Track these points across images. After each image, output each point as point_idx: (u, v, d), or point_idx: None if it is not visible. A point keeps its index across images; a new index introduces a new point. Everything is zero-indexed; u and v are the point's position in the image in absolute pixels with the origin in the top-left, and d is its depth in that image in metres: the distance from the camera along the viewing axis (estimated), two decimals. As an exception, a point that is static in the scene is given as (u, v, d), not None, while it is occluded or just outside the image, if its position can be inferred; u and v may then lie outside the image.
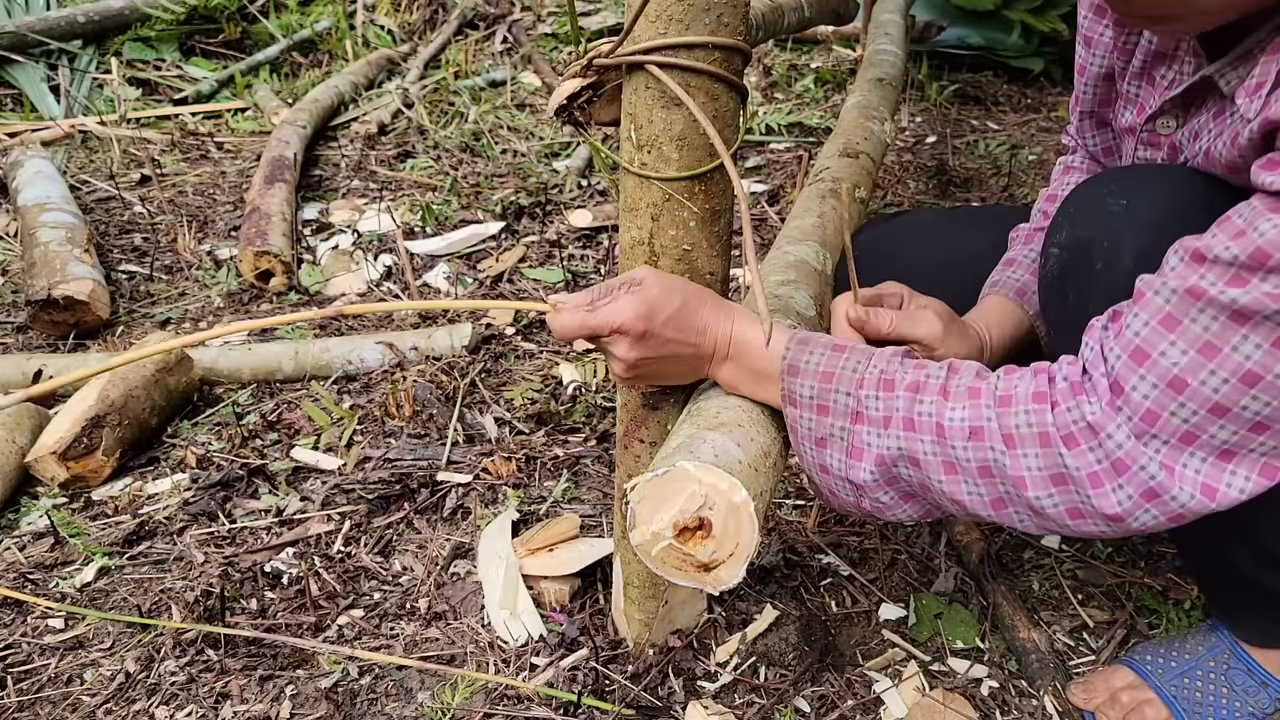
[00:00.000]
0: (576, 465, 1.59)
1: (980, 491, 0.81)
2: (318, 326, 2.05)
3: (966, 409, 0.80)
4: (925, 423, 0.81)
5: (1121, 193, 0.91)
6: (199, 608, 1.29)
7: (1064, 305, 0.94)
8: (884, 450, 0.84)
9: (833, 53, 3.79)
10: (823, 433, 0.87)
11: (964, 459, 0.80)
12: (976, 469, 0.80)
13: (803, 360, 0.87)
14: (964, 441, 0.79)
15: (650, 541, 0.81)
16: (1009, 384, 0.80)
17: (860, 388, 0.84)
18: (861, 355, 0.87)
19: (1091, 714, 1.13)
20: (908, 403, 0.82)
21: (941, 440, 0.81)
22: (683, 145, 0.89)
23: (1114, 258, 0.88)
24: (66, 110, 3.34)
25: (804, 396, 0.87)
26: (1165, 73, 0.98)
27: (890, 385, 0.84)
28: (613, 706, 1.14)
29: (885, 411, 0.83)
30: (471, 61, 3.84)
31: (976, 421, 0.79)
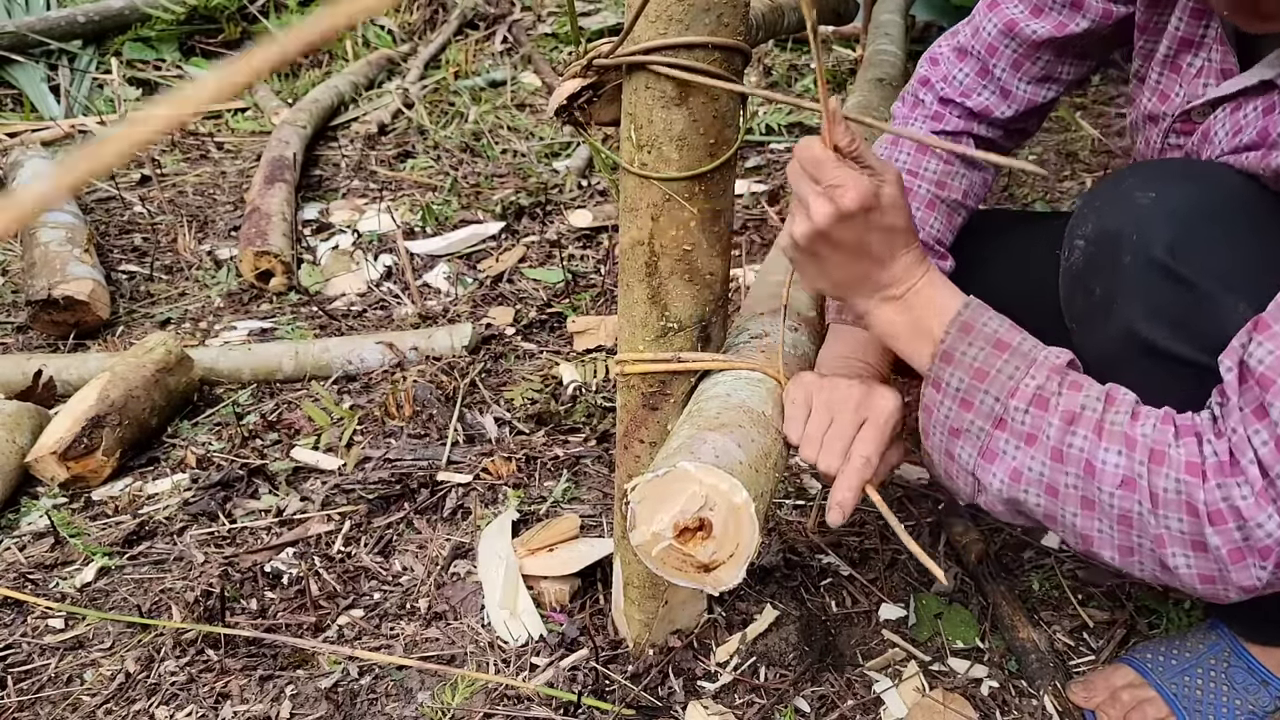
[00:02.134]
0: (576, 465, 1.59)
1: (1113, 535, 0.80)
2: (318, 326, 2.05)
3: (1121, 456, 0.78)
4: (1075, 457, 0.79)
5: (1149, 185, 0.89)
6: (199, 608, 1.29)
7: (1089, 300, 0.92)
8: (1022, 467, 0.82)
9: (833, 53, 3.79)
10: (959, 425, 0.85)
11: (1108, 504, 0.79)
12: (1118, 515, 0.79)
13: (959, 350, 0.85)
14: (1113, 488, 0.78)
15: (650, 542, 0.81)
16: (1164, 438, 0.78)
17: (1012, 396, 0.82)
18: (1021, 361, 0.83)
19: (1092, 713, 1.13)
20: (1060, 432, 0.80)
21: (1089, 479, 0.79)
22: (683, 145, 0.89)
23: (1143, 251, 0.86)
24: (66, 110, 3.34)
25: (950, 386, 0.85)
26: (1193, 61, 0.96)
27: (1044, 404, 0.81)
28: (613, 706, 1.14)
29: (1032, 429, 0.81)
30: (471, 61, 3.84)
31: (1129, 474, 0.77)
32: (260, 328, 2.08)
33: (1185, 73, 0.97)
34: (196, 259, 2.39)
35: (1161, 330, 0.85)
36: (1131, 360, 0.88)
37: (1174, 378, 0.85)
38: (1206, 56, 0.95)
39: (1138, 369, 0.88)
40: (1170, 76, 1.00)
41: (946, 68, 1.11)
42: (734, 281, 2.07)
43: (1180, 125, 1.00)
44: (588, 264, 2.29)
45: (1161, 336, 0.85)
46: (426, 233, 2.48)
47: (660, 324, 0.98)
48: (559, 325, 2.05)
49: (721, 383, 0.96)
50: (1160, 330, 0.85)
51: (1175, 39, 0.97)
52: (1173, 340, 0.84)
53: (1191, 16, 0.96)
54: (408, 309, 2.13)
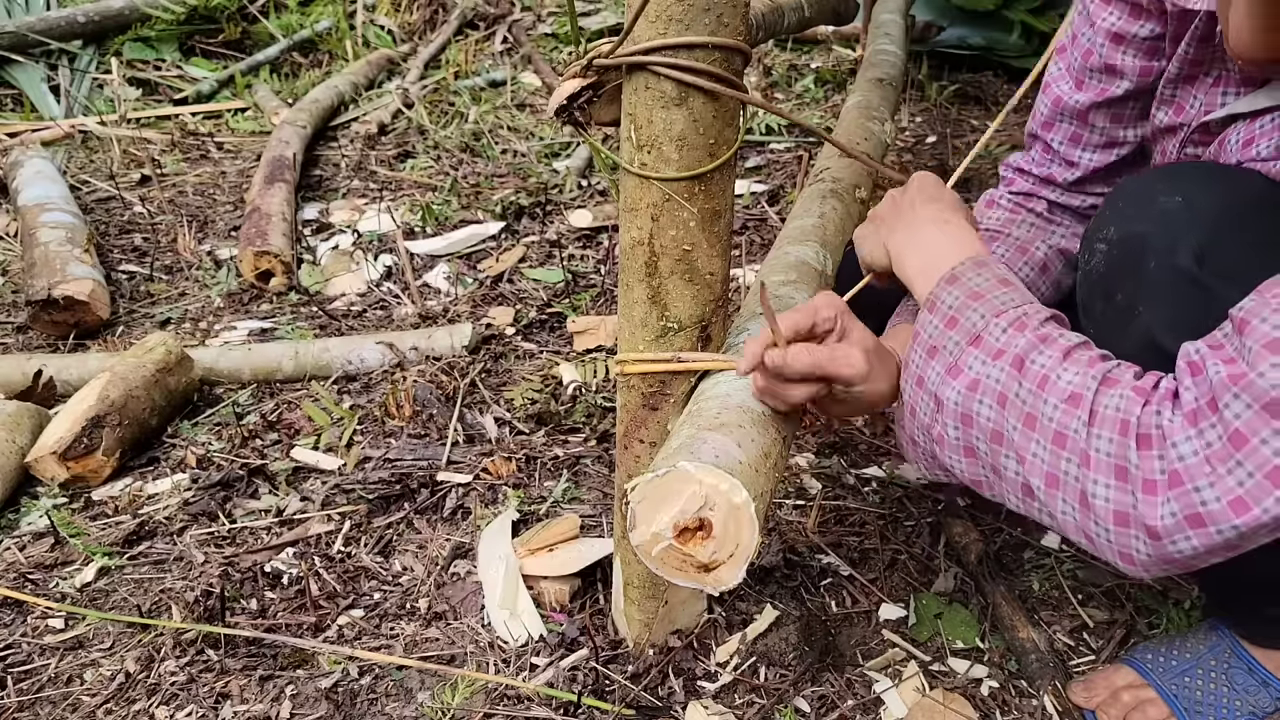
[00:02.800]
0: (576, 465, 1.59)
1: (1044, 457, 0.79)
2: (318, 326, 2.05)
3: (1077, 375, 0.78)
4: (1034, 371, 0.80)
5: (1175, 189, 0.88)
6: (199, 608, 1.29)
7: (1110, 304, 0.91)
8: (982, 377, 0.83)
9: (833, 53, 3.79)
10: (938, 342, 0.87)
11: (1049, 417, 0.78)
12: (1054, 432, 0.78)
13: (967, 275, 0.88)
14: (1059, 401, 0.78)
15: (650, 542, 0.81)
16: (1123, 370, 0.78)
17: (997, 316, 0.84)
18: (1017, 295, 0.86)
19: (1092, 713, 1.13)
20: (1028, 346, 0.81)
21: (1039, 392, 0.79)
22: (683, 145, 0.89)
23: (1169, 256, 0.84)
24: (66, 110, 3.34)
25: (943, 304, 0.87)
26: (1210, 71, 0.96)
27: (1021, 326, 0.83)
28: (613, 706, 1.14)
29: (1003, 345, 0.83)
30: (471, 61, 3.84)
31: (1079, 389, 0.77)
32: (260, 328, 2.08)
33: (1201, 83, 0.97)
34: (196, 259, 2.39)
35: (1183, 339, 0.82)
36: (1151, 367, 0.86)
37: None
38: (1224, 66, 0.94)
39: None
40: (1185, 89, 0.99)
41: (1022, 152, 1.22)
42: (734, 281, 2.07)
43: (1199, 135, 0.99)
44: (588, 264, 2.29)
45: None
46: (426, 233, 2.48)
47: (660, 324, 0.98)
48: (559, 325, 2.05)
49: (721, 383, 0.96)
50: (1182, 339, 0.82)
51: (1185, 60, 0.97)
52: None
53: (1200, 41, 0.96)
54: (408, 309, 2.13)
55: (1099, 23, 1.04)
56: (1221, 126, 0.96)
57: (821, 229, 1.28)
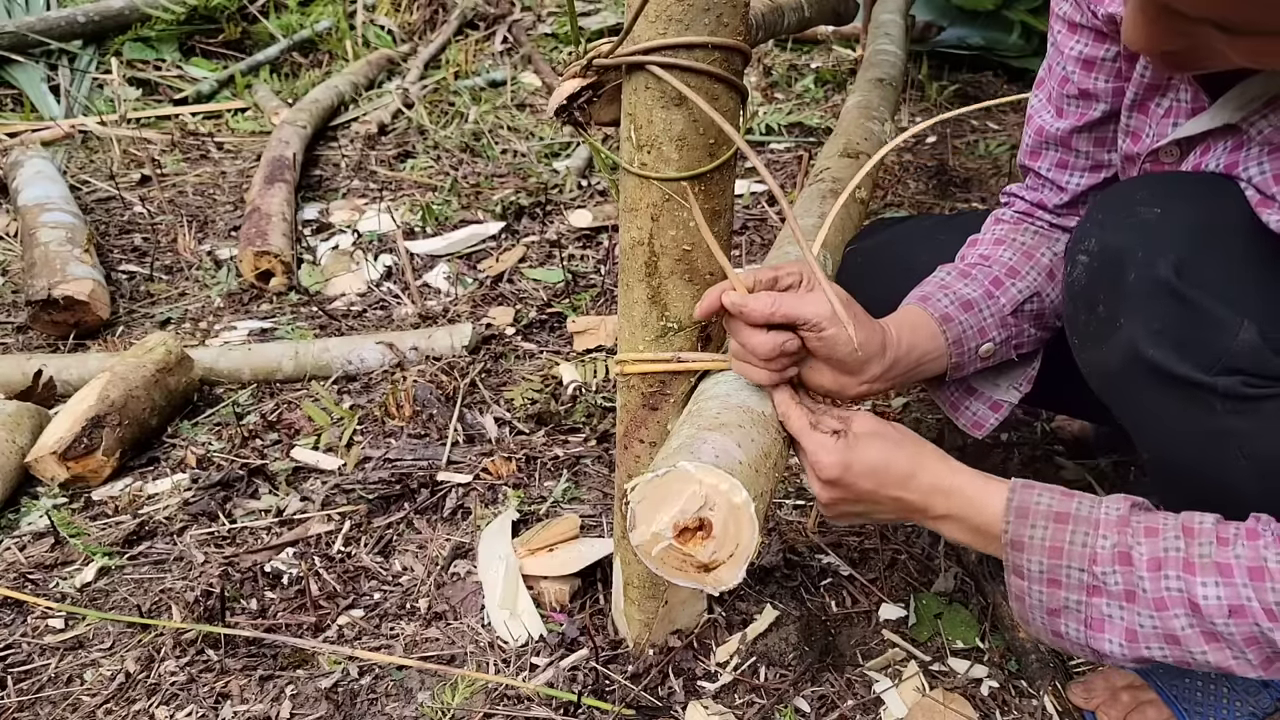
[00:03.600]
0: (576, 465, 1.59)
1: (1249, 658, 0.78)
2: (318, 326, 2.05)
3: (1220, 586, 0.76)
4: (1177, 599, 0.78)
5: (1154, 199, 0.88)
6: (199, 608, 1.29)
7: (1092, 317, 0.91)
8: (1133, 626, 0.80)
9: (833, 53, 3.79)
10: (1055, 605, 0.84)
11: (1227, 632, 0.77)
12: (1242, 640, 0.76)
13: (1025, 535, 0.84)
14: (1225, 619, 0.76)
15: (650, 542, 0.81)
16: (1255, 554, 0.76)
17: (1094, 564, 0.81)
18: (1088, 525, 0.82)
19: (1092, 714, 1.13)
20: (1153, 582, 0.78)
21: (1198, 615, 0.77)
22: (683, 145, 0.89)
23: (1148, 269, 0.84)
24: (66, 110, 3.34)
25: (1032, 570, 0.84)
26: (1162, 101, 0.96)
27: (1128, 560, 0.80)
28: (613, 706, 1.14)
29: (1127, 586, 0.80)
30: (471, 61, 3.84)
31: (1235, 600, 0.76)
32: (260, 328, 2.08)
33: (1154, 113, 0.97)
34: (196, 259, 2.39)
35: (1164, 350, 0.83)
36: (1134, 379, 0.87)
37: (1177, 398, 0.84)
38: (1175, 97, 0.95)
39: (1140, 388, 0.87)
40: (1140, 118, 1.00)
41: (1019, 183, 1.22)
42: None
43: (1150, 165, 0.99)
44: (588, 264, 2.29)
45: (1164, 357, 0.83)
46: (426, 233, 2.48)
47: (660, 324, 0.98)
48: (559, 325, 2.05)
49: (721, 383, 0.96)
50: (1163, 350, 0.83)
51: (1141, 85, 0.98)
52: (1177, 361, 0.83)
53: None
54: (408, 309, 2.13)
55: (1067, 51, 1.05)
56: (1172, 156, 0.96)
57: (821, 229, 1.27)
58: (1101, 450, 1.60)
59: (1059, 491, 0.85)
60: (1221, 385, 0.81)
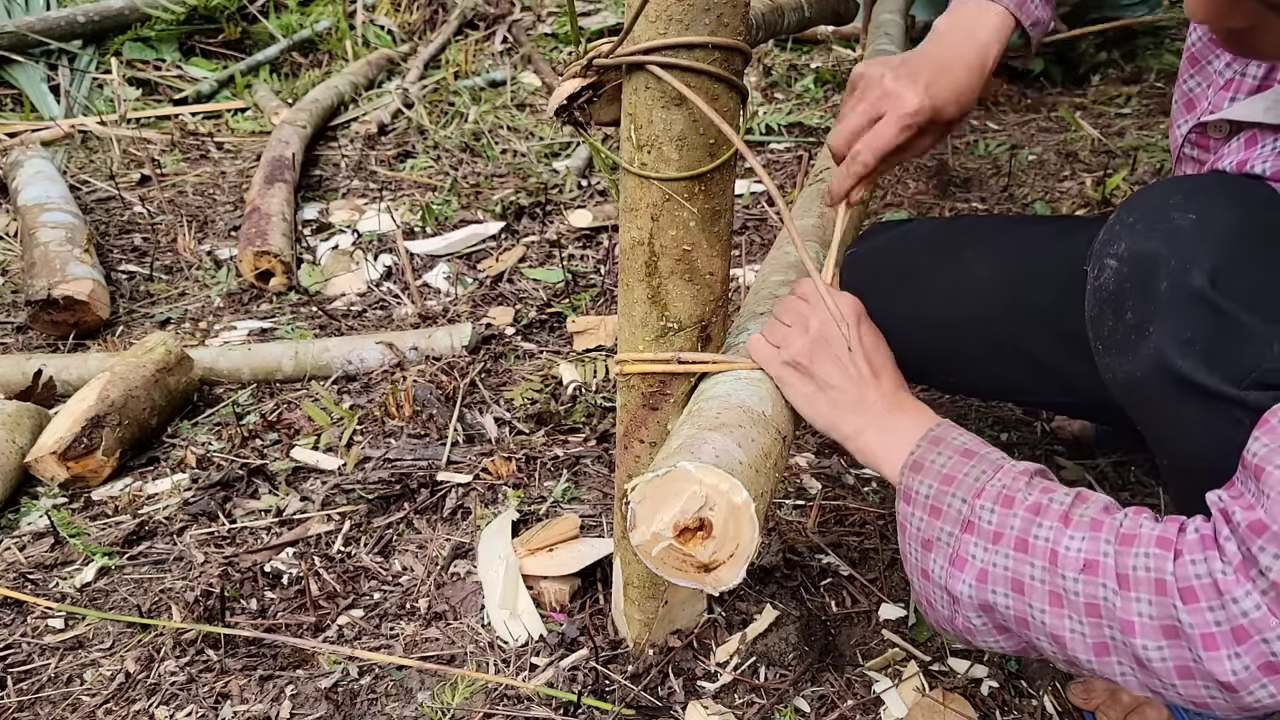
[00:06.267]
0: (576, 465, 1.59)
1: (1084, 631, 0.75)
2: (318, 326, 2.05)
3: (1086, 540, 0.75)
4: (1040, 547, 0.76)
5: (1190, 205, 0.85)
6: (199, 608, 1.29)
7: (1120, 323, 0.88)
8: (989, 566, 0.79)
9: (833, 53, 3.79)
10: (930, 535, 0.83)
11: (1073, 591, 0.75)
12: (1084, 605, 0.74)
13: (929, 459, 0.85)
14: (1076, 573, 0.74)
15: (650, 542, 0.81)
16: (1135, 523, 0.74)
17: (978, 497, 0.81)
18: (988, 465, 0.83)
19: (1091, 714, 1.13)
20: (1024, 523, 0.78)
21: (1053, 568, 0.76)
22: (683, 145, 0.89)
23: (1182, 277, 0.81)
24: (66, 110, 3.34)
25: (920, 495, 0.84)
26: (1222, 70, 0.93)
27: (1010, 502, 0.79)
28: (613, 706, 1.14)
29: (998, 527, 0.79)
30: (471, 61, 3.84)
31: (1093, 555, 0.74)
32: (260, 328, 2.08)
33: (1214, 80, 0.94)
34: (196, 259, 2.39)
35: (1194, 361, 0.81)
36: (1160, 389, 0.84)
37: (1204, 410, 0.81)
38: (1241, 70, 0.91)
39: (1166, 398, 0.84)
40: (1197, 79, 0.96)
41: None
42: (734, 281, 2.07)
43: (1196, 136, 0.97)
44: (588, 264, 2.29)
45: (1193, 368, 0.80)
46: (426, 233, 2.48)
47: (660, 324, 0.98)
48: (559, 325, 2.05)
49: (722, 383, 0.96)
50: (1192, 361, 0.81)
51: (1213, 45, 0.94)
52: (1206, 373, 0.80)
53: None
54: (408, 309, 2.13)
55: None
56: (1220, 133, 0.93)
57: (821, 229, 1.27)
58: (1102, 450, 1.60)
59: (979, 439, 0.88)
60: (1252, 399, 0.78)
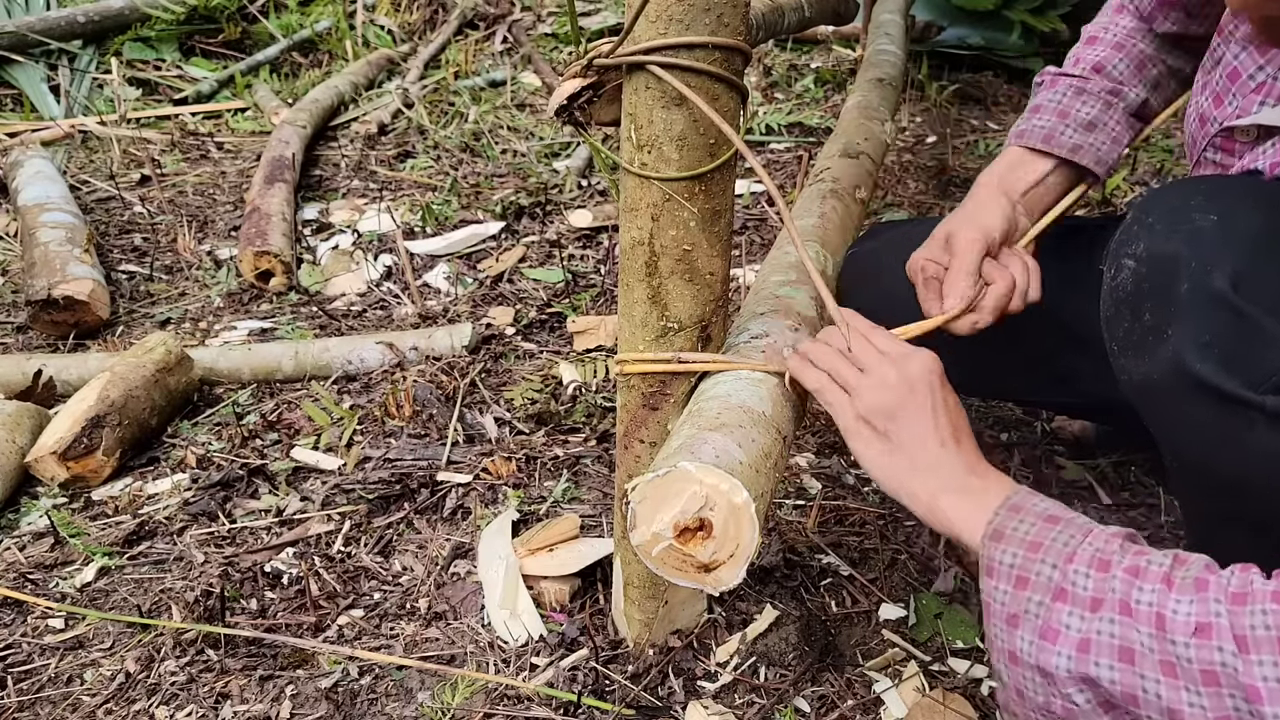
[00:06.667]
0: (576, 465, 1.59)
1: (1203, 704, 0.68)
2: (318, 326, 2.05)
3: (1194, 603, 0.69)
4: (1144, 613, 0.70)
5: (1211, 206, 0.83)
6: (199, 608, 1.29)
7: (1137, 324, 0.86)
8: (1090, 633, 0.73)
9: (833, 53, 3.79)
10: (1016, 609, 0.77)
11: (1185, 658, 0.68)
12: (1200, 672, 0.68)
13: (1010, 526, 0.79)
14: (1187, 638, 0.68)
15: (650, 542, 0.81)
16: (1244, 579, 0.69)
17: (1069, 562, 0.75)
18: (1076, 530, 0.77)
19: (1092, 714, 1.13)
20: (1125, 586, 0.72)
21: (1161, 634, 0.69)
22: (683, 145, 0.89)
23: (1202, 279, 0.79)
24: (66, 110, 3.34)
25: (1004, 564, 0.78)
26: (1255, 74, 0.92)
27: (1106, 566, 0.74)
28: (613, 706, 1.14)
29: (1096, 593, 0.73)
30: (471, 61, 3.84)
31: (1204, 617, 0.68)
32: (260, 328, 2.08)
33: (1244, 83, 0.93)
34: (196, 259, 2.39)
35: (1212, 365, 0.79)
36: (1177, 391, 0.83)
37: (1221, 414, 0.80)
38: (1274, 74, 0.90)
39: (1182, 401, 0.83)
40: (1227, 83, 0.95)
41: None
42: (734, 281, 2.07)
43: (1221, 140, 0.95)
44: (588, 264, 2.29)
45: (1212, 371, 0.79)
46: (426, 233, 2.48)
47: (660, 324, 0.98)
48: (559, 325, 2.05)
49: (722, 383, 0.96)
50: (1211, 365, 0.79)
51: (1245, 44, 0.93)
52: (1225, 377, 0.79)
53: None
54: (408, 309, 2.13)
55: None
56: (1248, 136, 0.92)
57: (822, 229, 1.27)
58: (1102, 450, 1.60)
59: (1062, 505, 0.82)
60: (1270, 405, 0.77)
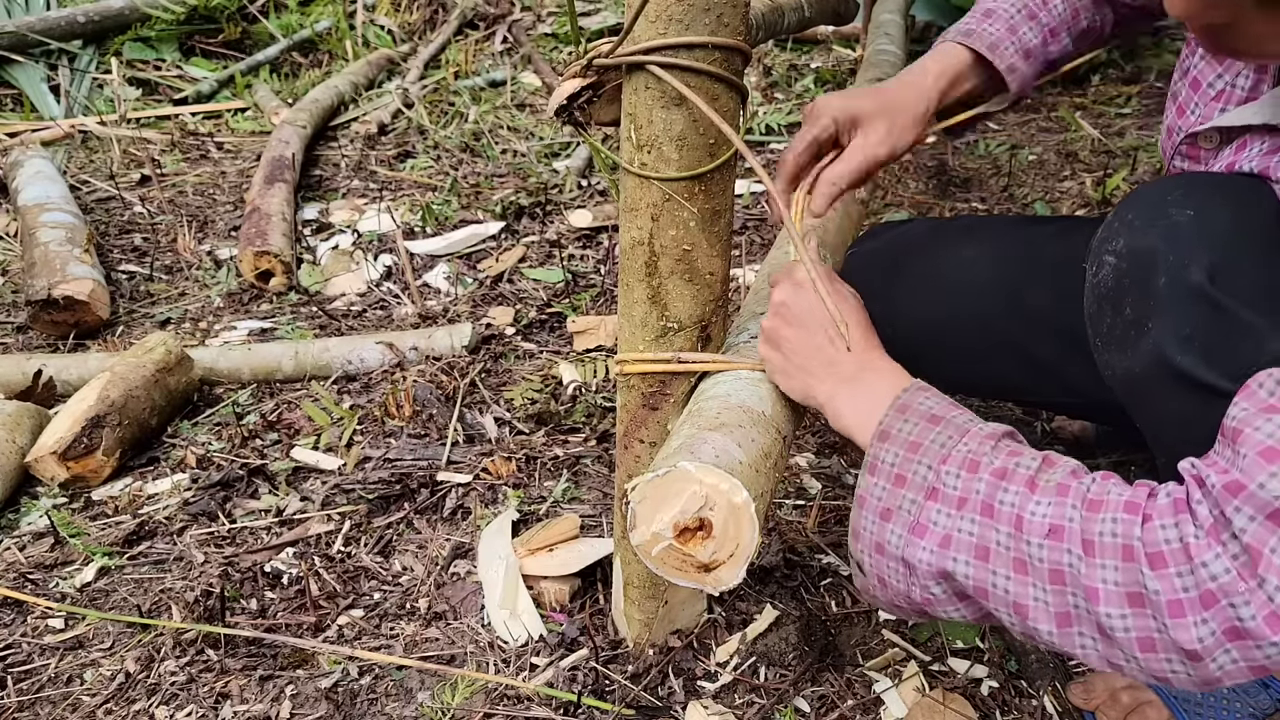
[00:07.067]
0: (576, 465, 1.59)
1: (1047, 600, 0.74)
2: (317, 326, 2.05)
3: (1052, 505, 0.73)
4: (1005, 513, 0.75)
5: (1188, 201, 0.85)
6: (199, 608, 1.29)
7: (1119, 320, 0.88)
8: (952, 531, 0.78)
9: (833, 53, 3.79)
10: (891, 504, 0.82)
11: (1037, 558, 0.73)
12: (1048, 572, 0.73)
13: (895, 426, 0.83)
14: (1041, 539, 0.73)
15: (650, 542, 0.81)
16: (1103, 488, 0.73)
17: (944, 463, 0.79)
18: (955, 430, 0.81)
19: (1091, 714, 1.13)
20: (990, 487, 0.76)
21: (1018, 534, 0.74)
22: (683, 145, 0.89)
23: (1180, 273, 0.81)
24: (66, 110, 3.34)
25: (885, 463, 0.83)
26: (1214, 82, 0.93)
27: (975, 466, 0.78)
28: (613, 706, 1.14)
29: (963, 493, 0.78)
30: (471, 61, 3.84)
31: (1059, 520, 0.72)
32: (260, 328, 2.08)
33: (1204, 92, 0.95)
34: (196, 259, 2.39)
35: (1193, 357, 0.81)
36: (1159, 384, 0.85)
37: (1203, 405, 0.81)
38: (1231, 80, 0.92)
39: (1165, 394, 0.85)
40: (1189, 92, 0.97)
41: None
42: (734, 281, 2.07)
43: (1187, 147, 0.97)
44: (588, 264, 2.29)
45: (1192, 364, 0.81)
46: (426, 233, 2.48)
47: (660, 324, 0.98)
48: (559, 325, 2.05)
49: (722, 383, 0.96)
50: (1191, 357, 0.81)
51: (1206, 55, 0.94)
52: (1205, 368, 0.80)
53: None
54: (408, 309, 2.13)
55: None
56: (1211, 143, 0.94)
57: (821, 229, 1.27)
58: (1102, 450, 1.60)
59: (949, 401, 0.86)
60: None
